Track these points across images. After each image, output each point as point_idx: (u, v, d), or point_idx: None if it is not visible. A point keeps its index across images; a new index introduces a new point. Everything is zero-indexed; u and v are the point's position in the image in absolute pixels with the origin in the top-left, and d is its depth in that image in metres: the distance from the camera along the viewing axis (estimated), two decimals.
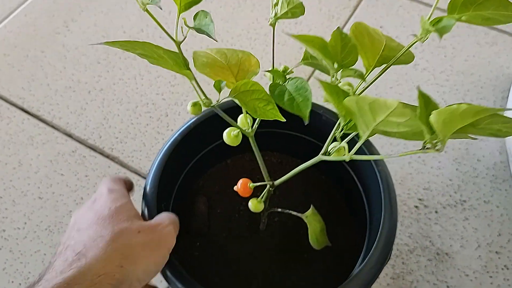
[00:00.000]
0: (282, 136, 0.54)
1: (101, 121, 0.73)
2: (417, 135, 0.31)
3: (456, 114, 0.26)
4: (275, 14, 0.35)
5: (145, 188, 0.45)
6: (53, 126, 0.73)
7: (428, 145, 0.29)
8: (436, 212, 0.64)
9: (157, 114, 0.74)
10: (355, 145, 0.36)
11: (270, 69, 0.38)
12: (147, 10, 0.31)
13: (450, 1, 0.31)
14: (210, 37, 0.33)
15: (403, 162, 0.68)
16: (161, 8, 0.32)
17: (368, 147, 0.47)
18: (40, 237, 0.63)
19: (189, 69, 0.35)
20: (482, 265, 0.60)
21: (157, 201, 0.43)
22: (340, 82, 0.34)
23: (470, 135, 0.30)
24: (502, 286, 0.58)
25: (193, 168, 0.52)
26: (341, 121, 0.35)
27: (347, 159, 0.34)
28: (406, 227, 0.63)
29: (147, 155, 0.70)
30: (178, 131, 0.48)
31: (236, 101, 0.34)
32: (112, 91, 0.76)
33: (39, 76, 0.79)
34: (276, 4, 0.34)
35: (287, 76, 0.36)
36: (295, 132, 0.53)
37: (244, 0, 0.88)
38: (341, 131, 0.36)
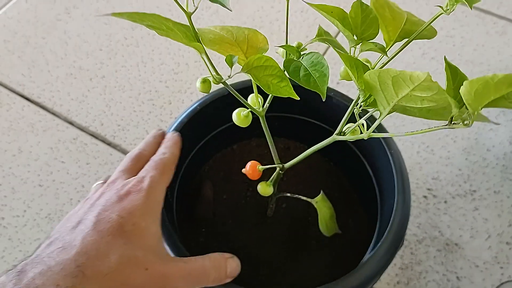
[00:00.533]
0: (290, 120, 0.52)
1: (103, 109, 0.72)
2: (440, 111, 0.29)
3: (491, 85, 0.24)
4: None
5: None
6: (53, 113, 0.71)
7: (456, 120, 0.27)
8: (445, 202, 0.63)
9: (160, 101, 0.73)
10: (370, 127, 0.34)
11: (283, 45, 0.36)
12: None
13: None
14: (224, 6, 0.31)
15: (411, 152, 0.67)
16: None
17: (380, 132, 0.46)
18: (40, 225, 0.62)
19: (200, 42, 0.34)
20: (492, 256, 0.58)
21: None
22: (358, 56, 0.33)
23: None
24: None
25: (199, 152, 0.50)
26: (360, 96, 0.34)
27: (366, 137, 0.33)
28: (415, 217, 0.62)
29: None
30: (184, 113, 0.46)
31: (249, 76, 0.33)
32: (114, 78, 0.75)
33: (40, 63, 0.77)
34: None
35: (302, 53, 0.35)
36: (303, 116, 0.52)
37: None
38: (360, 107, 0.34)
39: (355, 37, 0.32)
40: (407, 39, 0.33)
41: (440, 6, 0.30)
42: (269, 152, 0.42)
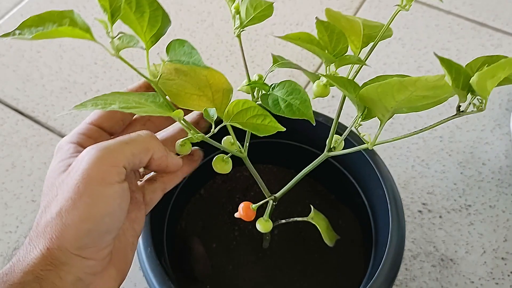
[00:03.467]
0: (266, 144, 0.50)
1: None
2: (436, 102, 0.29)
3: (502, 69, 0.24)
4: (240, 23, 0.33)
5: (141, 251, 0.41)
6: (47, 128, 0.71)
7: (466, 108, 0.28)
8: (440, 217, 0.62)
9: None
10: (353, 146, 0.34)
11: (245, 82, 0.36)
12: (120, 57, 0.29)
13: None
14: (200, 66, 0.31)
15: (406, 166, 0.67)
16: (144, 48, 0.30)
17: (371, 156, 0.45)
18: None
19: (172, 106, 0.33)
20: (488, 271, 0.58)
21: (157, 258, 0.40)
22: (336, 72, 0.33)
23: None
24: None
25: (172, 211, 0.49)
26: (357, 112, 0.33)
27: (371, 147, 0.32)
28: (410, 232, 0.61)
29: None
30: None
31: (235, 125, 0.32)
32: (109, 92, 0.75)
33: (34, 77, 0.77)
34: (238, 13, 0.33)
35: (271, 85, 0.34)
36: (278, 139, 0.50)
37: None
38: (357, 121, 0.34)
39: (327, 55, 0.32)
40: (372, 43, 0.34)
41: (398, 5, 0.31)
42: (239, 184, 0.41)
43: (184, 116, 0.33)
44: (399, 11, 0.31)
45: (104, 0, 0.28)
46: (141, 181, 0.37)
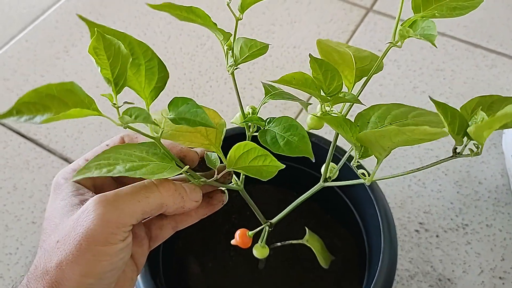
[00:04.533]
0: None
1: (98, 145, 0.73)
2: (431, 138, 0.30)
3: (499, 122, 0.25)
4: (234, 61, 0.33)
5: None
6: (49, 150, 0.73)
7: (462, 151, 0.28)
8: (437, 236, 0.62)
9: None
10: (349, 170, 0.34)
11: (238, 115, 0.36)
12: (128, 127, 0.28)
13: (412, 2, 0.30)
14: (208, 126, 0.29)
15: (402, 185, 0.67)
16: (156, 124, 0.29)
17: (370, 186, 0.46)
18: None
19: (173, 158, 0.32)
20: None
21: (151, 278, 0.40)
22: (332, 110, 0.33)
23: None
24: None
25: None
26: (355, 151, 0.33)
27: (368, 183, 0.32)
28: (407, 252, 0.61)
29: None
30: None
31: (239, 171, 0.32)
32: (110, 115, 0.76)
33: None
34: (230, 49, 0.32)
35: (267, 120, 0.34)
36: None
37: (243, 25, 0.88)
38: (356, 160, 0.34)
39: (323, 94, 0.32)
40: (365, 77, 0.34)
41: (391, 42, 0.31)
42: (235, 204, 0.41)
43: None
44: (391, 47, 0.31)
45: (106, 70, 0.27)
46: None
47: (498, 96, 0.28)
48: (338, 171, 0.37)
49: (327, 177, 0.37)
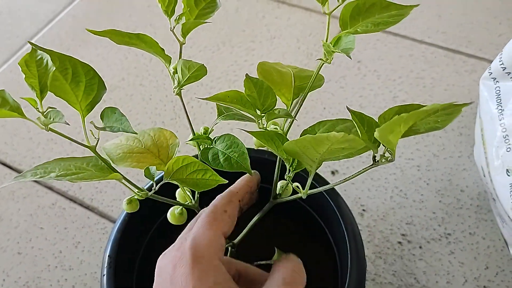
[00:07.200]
0: (226, 186, 0.51)
1: None
2: (360, 151, 0.30)
3: (398, 125, 0.25)
4: (178, 83, 0.34)
5: None
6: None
7: (380, 158, 0.29)
8: (420, 247, 0.62)
9: None
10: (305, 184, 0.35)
11: (190, 136, 0.37)
12: (51, 129, 0.31)
13: (339, 19, 0.32)
14: (128, 132, 0.32)
15: (384, 197, 0.67)
16: (68, 124, 0.31)
17: (329, 193, 0.46)
18: None
19: (112, 168, 0.34)
20: None
21: None
22: (268, 126, 0.34)
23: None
24: None
25: (144, 252, 0.49)
26: (285, 163, 0.34)
27: (304, 196, 0.33)
28: (390, 265, 0.61)
29: None
30: (115, 228, 0.45)
31: (175, 182, 0.34)
32: (92, 144, 0.77)
33: (21, 131, 0.80)
34: (175, 73, 0.34)
35: (213, 136, 0.36)
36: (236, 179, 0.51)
37: (223, 43, 0.89)
38: (289, 172, 0.35)
39: (258, 112, 0.33)
40: (302, 94, 0.35)
41: (321, 59, 0.32)
42: None
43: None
44: (323, 64, 0.32)
45: (33, 79, 0.29)
46: None
47: (417, 105, 0.28)
48: (291, 187, 0.37)
49: (277, 194, 0.37)
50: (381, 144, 0.28)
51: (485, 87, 0.57)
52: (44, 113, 0.30)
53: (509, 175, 0.47)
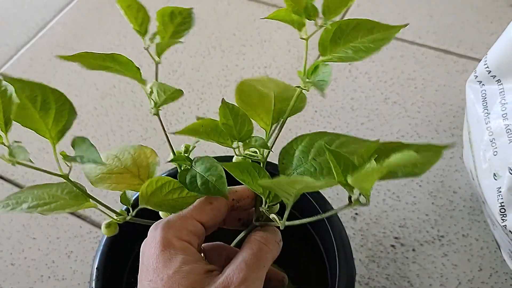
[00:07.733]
0: None
1: (74, 180, 0.73)
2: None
3: (371, 173, 0.24)
4: (155, 103, 0.34)
5: None
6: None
7: (354, 203, 0.27)
8: (413, 250, 0.62)
9: None
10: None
11: (171, 156, 0.36)
12: (20, 163, 0.30)
13: (319, 43, 0.31)
14: (97, 163, 0.31)
15: (377, 200, 0.67)
16: (32, 162, 0.30)
17: (321, 205, 0.46)
18: None
19: (88, 195, 0.34)
20: None
21: None
22: (245, 154, 0.33)
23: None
24: None
25: (133, 264, 0.49)
26: (262, 197, 0.33)
27: (282, 227, 0.32)
28: (383, 269, 0.61)
29: None
30: (102, 241, 0.45)
31: (150, 207, 0.33)
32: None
33: (14, 140, 0.79)
34: (152, 93, 0.34)
35: (193, 158, 0.35)
36: None
37: (213, 48, 0.89)
38: (265, 205, 0.34)
39: (234, 142, 0.32)
40: (282, 119, 0.34)
41: (299, 86, 0.31)
42: None
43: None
44: (301, 90, 0.31)
45: None
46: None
47: (398, 143, 0.27)
48: (278, 206, 0.37)
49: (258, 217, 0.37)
50: None
51: (471, 90, 0.56)
52: (10, 147, 0.29)
53: (496, 179, 0.47)
